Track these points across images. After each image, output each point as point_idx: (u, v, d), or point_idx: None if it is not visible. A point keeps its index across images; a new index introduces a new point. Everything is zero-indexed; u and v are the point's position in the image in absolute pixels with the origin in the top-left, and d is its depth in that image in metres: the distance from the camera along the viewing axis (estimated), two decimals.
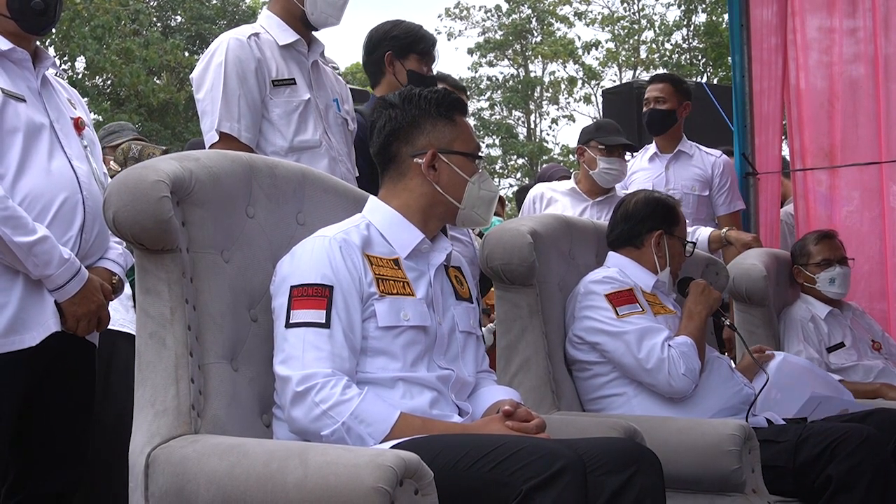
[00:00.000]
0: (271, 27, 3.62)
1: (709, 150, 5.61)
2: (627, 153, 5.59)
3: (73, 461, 3.10)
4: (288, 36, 3.62)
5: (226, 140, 3.42)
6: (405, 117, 2.68)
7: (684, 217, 3.80)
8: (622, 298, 3.47)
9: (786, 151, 6.07)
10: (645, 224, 3.67)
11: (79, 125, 3.13)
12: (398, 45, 4.21)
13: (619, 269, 3.60)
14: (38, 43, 3.12)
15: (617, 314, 3.44)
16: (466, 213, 2.70)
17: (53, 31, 3.60)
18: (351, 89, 4.13)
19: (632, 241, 3.67)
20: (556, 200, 5.37)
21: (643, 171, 5.56)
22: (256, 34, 3.56)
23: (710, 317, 3.65)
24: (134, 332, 2.51)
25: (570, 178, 6.09)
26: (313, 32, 3.70)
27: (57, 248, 2.86)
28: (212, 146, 3.43)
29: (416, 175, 2.67)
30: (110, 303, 3.12)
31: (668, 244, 3.66)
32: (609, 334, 3.43)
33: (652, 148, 5.62)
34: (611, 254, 3.71)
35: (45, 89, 3.07)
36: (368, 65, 4.28)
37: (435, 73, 4.37)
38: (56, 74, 3.19)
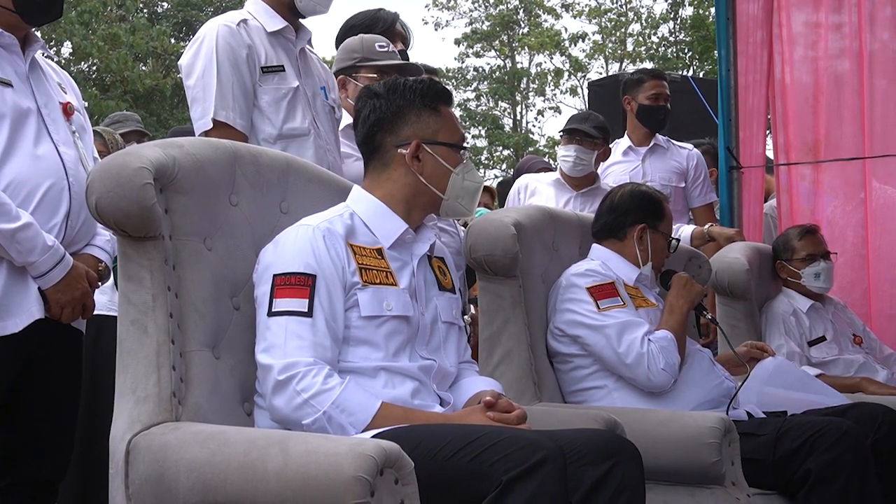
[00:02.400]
0: (259, 13, 3.60)
1: (681, 143, 5.67)
2: (627, 142, 5.62)
3: (59, 448, 3.09)
4: (276, 23, 3.59)
5: (220, 128, 3.39)
6: (390, 107, 2.68)
7: (671, 213, 3.79)
8: (603, 292, 3.47)
9: (770, 145, 6.09)
10: (629, 216, 3.66)
11: (67, 110, 3.10)
12: (358, 33, 4.26)
13: (601, 261, 3.60)
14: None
15: (598, 307, 3.44)
16: (450, 204, 2.70)
17: None
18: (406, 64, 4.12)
19: (615, 233, 3.67)
20: (540, 191, 5.39)
21: (618, 164, 5.58)
22: (245, 20, 3.54)
23: (693, 311, 3.64)
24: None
25: (550, 169, 6.14)
26: (301, 20, 3.68)
27: (40, 235, 2.85)
28: (205, 133, 3.41)
29: (400, 165, 2.66)
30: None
31: (650, 238, 3.65)
32: (589, 327, 3.43)
33: (625, 141, 5.64)
34: (594, 246, 3.71)
35: (34, 73, 3.05)
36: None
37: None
38: (44, 55, 3.17)
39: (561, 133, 5.37)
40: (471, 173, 2.72)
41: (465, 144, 2.77)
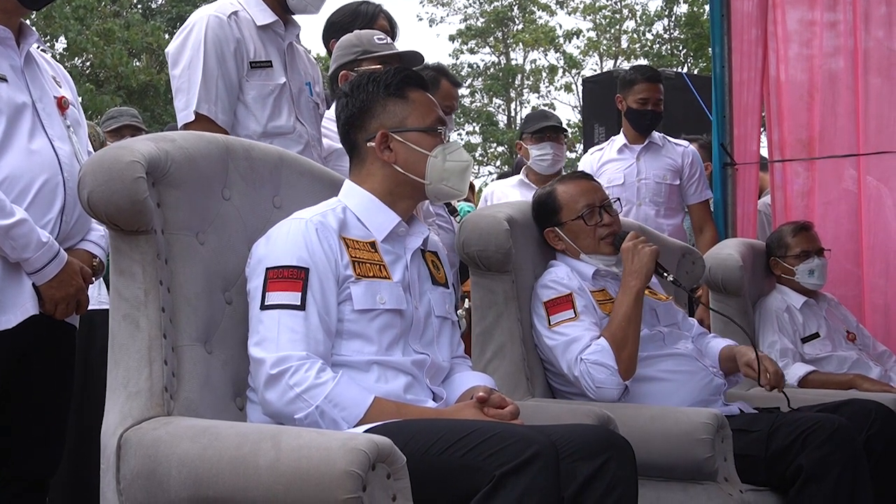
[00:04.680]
0: (249, 5, 3.58)
1: (676, 140, 5.68)
2: (622, 139, 5.62)
3: (51, 443, 3.09)
4: (266, 16, 3.59)
5: (202, 121, 3.39)
6: (355, 104, 2.68)
7: (570, 195, 3.58)
8: (557, 306, 3.42)
9: (764, 142, 6.09)
10: (540, 230, 3.64)
11: (62, 104, 3.09)
12: (339, 30, 4.25)
13: (569, 268, 3.55)
14: (21, 19, 3.08)
15: (549, 323, 3.41)
16: (435, 188, 2.67)
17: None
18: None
19: (549, 247, 3.65)
20: (507, 194, 5.46)
21: (613, 161, 5.60)
22: (235, 12, 3.53)
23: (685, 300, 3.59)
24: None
25: None
26: (291, 15, 3.67)
27: (35, 231, 2.83)
28: (186, 126, 3.40)
29: (376, 159, 2.66)
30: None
31: (565, 234, 3.57)
32: (545, 346, 3.44)
33: (620, 139, 5.65)
34: (558, 256, 3.67)
35: (29, 67, 3.03)
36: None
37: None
38: (40, 49, 3.16)
39: (525, 135, 5.44)
40: (454, 153, 2.67)
41: (439, 126, 2.70)
